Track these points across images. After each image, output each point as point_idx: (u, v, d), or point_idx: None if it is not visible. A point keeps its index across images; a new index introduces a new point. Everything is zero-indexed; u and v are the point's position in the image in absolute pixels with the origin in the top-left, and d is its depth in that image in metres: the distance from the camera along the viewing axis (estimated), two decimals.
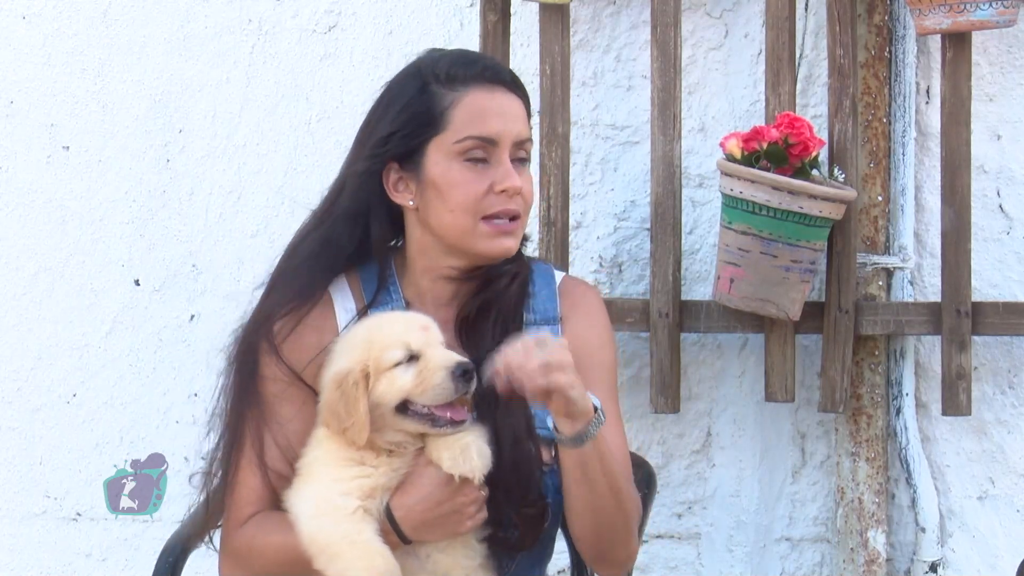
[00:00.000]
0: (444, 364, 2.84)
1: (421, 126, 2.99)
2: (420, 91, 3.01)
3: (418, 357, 2.86)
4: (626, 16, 4.05)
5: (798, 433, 4.05)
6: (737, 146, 3.74)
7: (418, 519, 2.86)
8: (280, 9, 4.11)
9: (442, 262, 3.04)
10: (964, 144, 3.83)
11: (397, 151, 3.00)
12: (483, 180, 2.98)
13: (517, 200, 2.99)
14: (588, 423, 2.84)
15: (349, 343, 2.92)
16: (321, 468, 2.89)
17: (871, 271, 3.93)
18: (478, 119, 2.98)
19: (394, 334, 2.87)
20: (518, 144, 3.01)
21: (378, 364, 2.86)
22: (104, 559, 4.18)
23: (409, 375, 2.85)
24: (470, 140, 2.98)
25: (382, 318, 2.95)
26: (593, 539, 2.96)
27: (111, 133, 4.15)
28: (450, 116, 2.98)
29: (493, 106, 2.99)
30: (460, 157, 2.98)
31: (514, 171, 2.99)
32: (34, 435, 4.18)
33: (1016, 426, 4.00)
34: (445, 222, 2.99)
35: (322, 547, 2.83)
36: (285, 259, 3.09)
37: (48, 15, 4.15)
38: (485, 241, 2.99)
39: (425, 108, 2.99)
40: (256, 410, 2.98)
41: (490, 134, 2.98)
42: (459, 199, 2.97)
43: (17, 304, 4.17)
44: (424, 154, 2.99)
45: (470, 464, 2.83)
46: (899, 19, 3.94)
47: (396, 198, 3.03)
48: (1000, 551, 4.01)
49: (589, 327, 3.09)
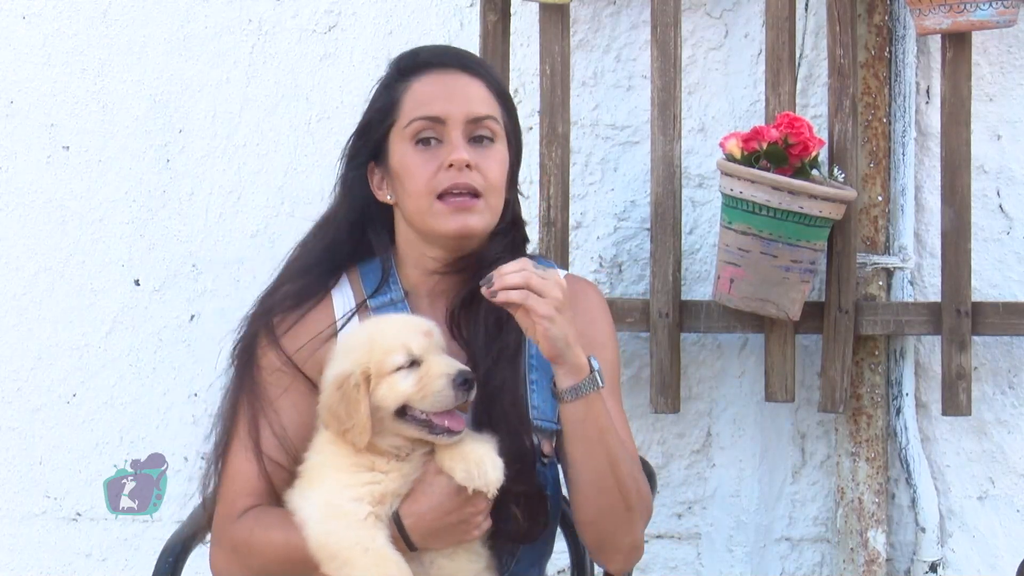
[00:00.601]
0: (445, 371, 2.84)
1: (382, 120, 3.06)
2: (382, 88, 3.09)
3: (419, 363, 2.86)
4: (626, 16, 4.05)
5: (798, 433, 4.05)
6: (737, 146, 3.74)
7: (427, 528, 2.86)
8: (280, 9, 4.11)
9: (426, 253, 3.06)
10: (964, 144, 3.83)
11: (369, 149, 3.07)
12: (434, 160, 3.01)
13: (472, 175, 3.00)
14: (582, 379, 2.87)
15: (351, 344, 2.91)
16: (329, 472, 2.88)
17: (871, 271, 3.93)
18: (424, 101, 3.03)
19: (396, 338, 2.86)
20: (474, 122, 3.03)
21: (379, 367, 2.85)
22: (104, 559, 4.18)
23: (410, 380, 2.85)
24: (417, 122, 3.02)
25: (385, 320, 2.95)
26: (593, 516, 2.96)
27: (111, 133, 4.15)
28: (401, 103, 3.04)
29: (439, 88, 3.04)
30: (411, 141, 3.02)
31: (461, 145, 3.01)
32: (34, 435, 4.18)
33: (1016, 426, 4.00)
34: (410, 209, 3.03)
35: (333, 553, 2.82)
36: (291, 261, 3.11)
37: (48, 15, 4.15)
38: (442, 220, 3.00)
39: (383, 102, 3.07)
40: (253, 399, 2.99)
41: (436, 113, 3.02)
42: (413, 182, 3.01)
43: (17, 304, 4.17)
44: (388, 147, 3.05)
45: (484, 479, 2.82)
46: (899, 19, 3.94)
47: (380, 196, 3.07)
48: (1000, 551, 4.01)
49: (591, 325, 3.10)
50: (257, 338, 3.03)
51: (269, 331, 3.02)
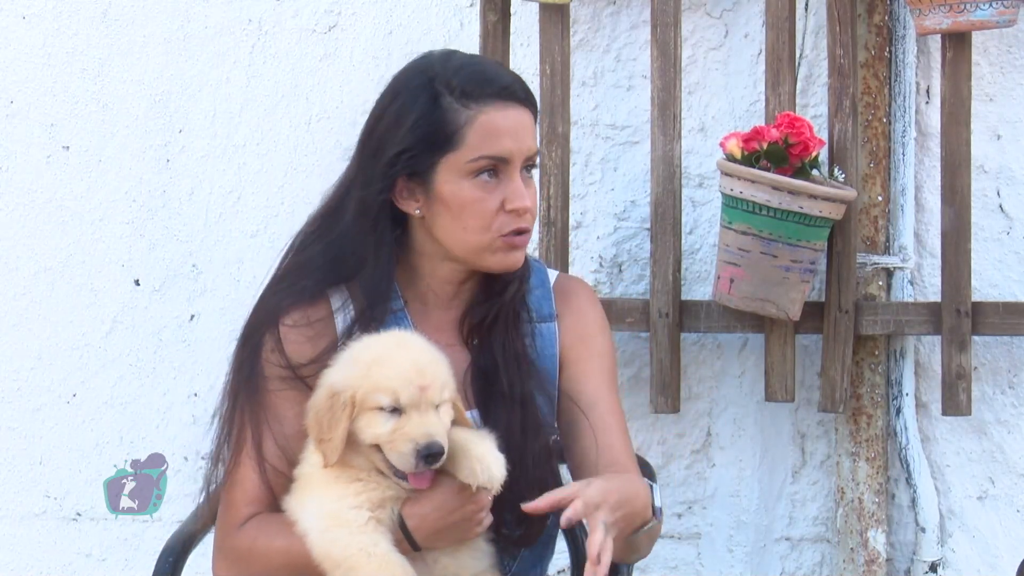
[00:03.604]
0: (414, 438, 2.79)
1: (434, 144, 2.95)
2: (432, 105, 2.95)
3: (402, 412, 2.83)
4: (626, 16, 4.05)
5: (798, 433, 4.05)
6: (737, 146, 3.74)
7: (431, 527, 2.86)
8: (280, 9, 4.11)
9: (445, 267, 3.03)
10: (964, 144, 3.83)
11: (408, 169, 2.97)
12: (494, 198, 2.96)
13: (527, 217, 2.99)
14: (645, 522, 2.88)
15: (354, 357, 2.86)
16: (324, 482, 2.87)
17: (871, 271, 3.94)
18: (492, 138, 2.94)
19: (389, 380, 2.80)
20: (528, 158, 3.01)
21: (364, 400, 2.81)
22: (104, 559, 4.18)
23: (388, 426, 2.80)
24: (484, 160, 2.95)
25: (396, 348, 2.86)
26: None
27: (111, 133, 4.15)
28: (464, 135, 2.94)
29: (507, 125, 2.95)
30: (471, 175, 2.95)
31: (524, 189, 2.97)
32: (34, 435, 4.18)
33: (1016, 426, 4.00)
34: (456, 238, 2.98)
35: (338, 561, 2.81)
36: (289, 261, 3.08)
37: (48, 15, 4.15)
38: (498, 257, 2.99)
39: (438, 126, 2.94)
40: (256, 407, 2.98)
41: (503, 153, 2.95)
42: (472, 219, 2.95)
43: (17, 304, 4.17)
44: (435, 171, 2.96)
45: (488, 474, 2.81)
46: (899, 19, 3.94)
47: (401, 205, 3.00)
48: (1000, 551, 4.01)
49: (583, 319, 3.10)
50: (260, 344, 3.01)
51: (273, 338, 3.00)
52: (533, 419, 2.98)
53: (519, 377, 2.99)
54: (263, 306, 3.05)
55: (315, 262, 3.03)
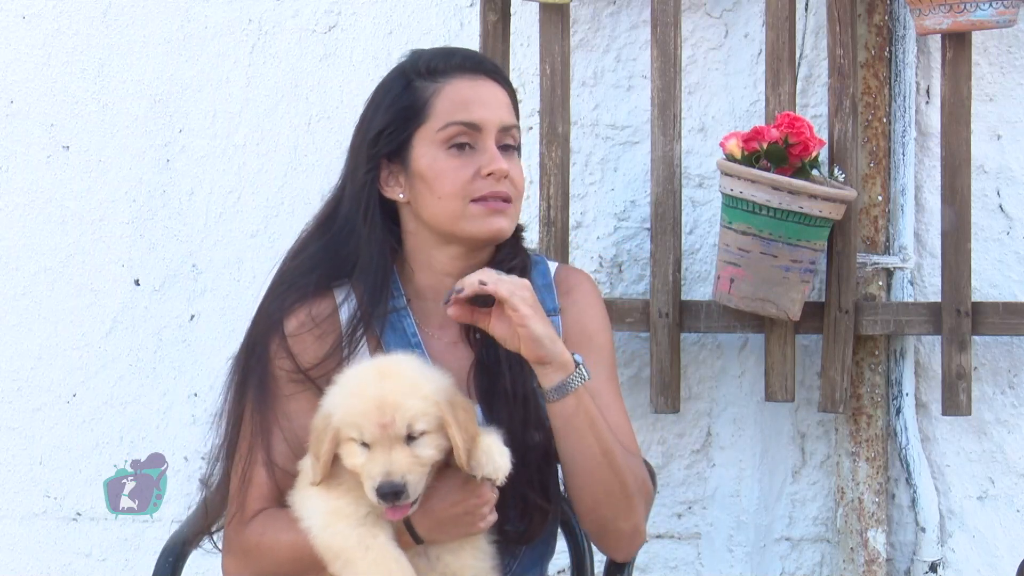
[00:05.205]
0: (372, 476, 2.79)
1: (406, 120, 3.02)
2: (404, 88, 3.04)
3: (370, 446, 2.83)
4: (626, 16, 4.05)
5: (798, 433, 4.06)
6: (737, 146, 3.74)
7: (434, 520, 2.87)
8: (280, 9, 4.11)
9: (440, 254, 3.04)
10: (964, 144, 3.84)
11: (387, 148, 3.03)
12: (469, 166, 3.00)
13: (506, 184, 3.01)
14: (568, 375, 2.88)
15: (343, 383, 2.88)
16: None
17: (871, 271, 3.94)
18: (460, 106, 3.01)
19: (354, 415, 2.81)
20: (504, 131, 3.03)
21: (339, 430, 2.84)
22: (104, 559, 4.19)
23: (360, 459, 2.82)
24: (453, 126, 3.00)
25: (370, 381, 2.85)
26: (591, 504, 2.96)
27: (111, 133, 4.15)
28: (433, 105, 3.01)
29: (475, 94, 3.02)
30: (445, 145, 3.00)
31: (499, 154, 3.01)
32: (34, 435, 4.18)
33: (1016, 426, 4.00)
34: (435, 211, 3.01)
35: (337, 553, 2.83)
36: (290, 261, 3.09)
37: (48, 15, 4.15)
38: (477, 222, 3.00)
39: (409, 102, 3.03)
40: (264, 407, 2.99)
41: (473, 119, 3.00)
42: (447, 186, 2.99)
43: (17, 304, 4.17)
44: (411, 147, 3.02)
45: (493, 465, 2.83)
46: (899, 19, 3.94)
47: (387, 192, 3.05)
48: (1000, 551, 4.01)
49: (584, 312, 3.11)
50: (269, 343, 3.02)
51: (280, 337, 3.01)
52: (535, 416, 2.98)
53: (521, 374, 2.99)
54: (267, 308, 3.06)
55: (315, 260, 3.05)
